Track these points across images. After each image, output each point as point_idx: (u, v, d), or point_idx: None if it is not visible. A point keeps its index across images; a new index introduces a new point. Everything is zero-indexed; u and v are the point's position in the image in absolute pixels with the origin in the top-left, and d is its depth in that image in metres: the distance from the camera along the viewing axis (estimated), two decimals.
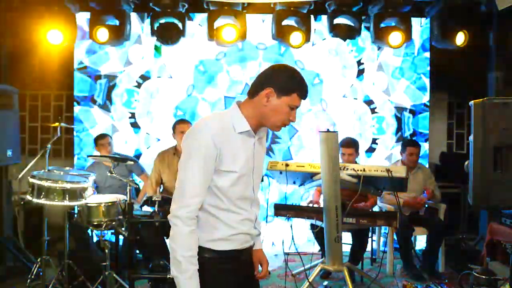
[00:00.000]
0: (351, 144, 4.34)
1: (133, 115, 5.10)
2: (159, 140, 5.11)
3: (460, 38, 4.67)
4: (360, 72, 5.21)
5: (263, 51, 5.11)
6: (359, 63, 5.21)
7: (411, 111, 5.28)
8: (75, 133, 5.04)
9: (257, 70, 4.99)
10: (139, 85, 5.09)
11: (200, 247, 1.77)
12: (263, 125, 1.84)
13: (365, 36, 5.09)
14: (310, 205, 4.15)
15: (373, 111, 5.24)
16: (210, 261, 1.78)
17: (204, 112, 5.08)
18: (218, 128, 1.72)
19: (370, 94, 5.24)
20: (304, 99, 1.83)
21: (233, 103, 1.86)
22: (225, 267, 1.81)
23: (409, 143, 4.63)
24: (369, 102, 5.23)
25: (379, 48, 5.18)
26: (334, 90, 5.19)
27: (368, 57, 5.21)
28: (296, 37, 4.60)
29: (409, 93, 5.27)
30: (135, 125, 5.11)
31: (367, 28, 4.97)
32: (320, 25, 5.09)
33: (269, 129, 1.87)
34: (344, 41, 4.97)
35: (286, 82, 1.77)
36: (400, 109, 5.24)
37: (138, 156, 5.07)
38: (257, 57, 5.10)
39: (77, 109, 5.05)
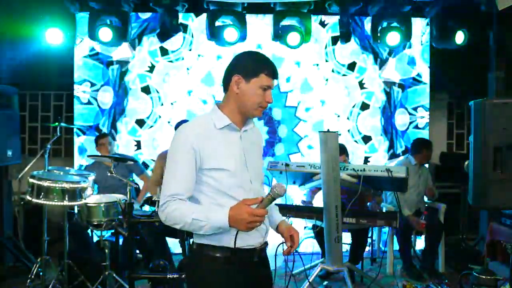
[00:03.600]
0: (340, 150, 4.29)
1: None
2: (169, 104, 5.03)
3: (460, 38, 4.67)
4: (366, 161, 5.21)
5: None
6: (366, 159, 5.21)
7: None
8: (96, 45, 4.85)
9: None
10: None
11: (209, 246, 1.78)
12: (245, 116, 1.85)
13: (380, 144, 5.20)
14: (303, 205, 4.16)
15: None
16: (219, 260, 1.78)
17: None
18: (195, 130, 1.78)
19: None
20: (275, 78, 1.84)
21: (212, 106, 1.90)
22: (234, 268, 1.78)
23: (427, 145, 4.55)
24: None
25: (389, 158, 5.21)
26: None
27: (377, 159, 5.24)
28: (294, 37, 4.60)
29: None
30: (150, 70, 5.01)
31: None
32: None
33: (250, 116, 1.86)
34: (342, 42, 4.93)
35: (251, 65, 1.80)
36: None
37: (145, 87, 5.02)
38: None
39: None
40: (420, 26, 5.14)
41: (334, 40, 5.07)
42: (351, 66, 5.15)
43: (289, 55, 5.03)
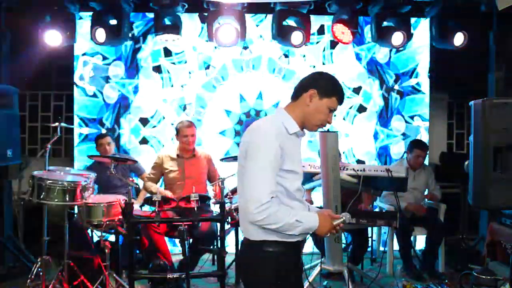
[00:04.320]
0: None
1: None
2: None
3: (460, 39, 4.66)
4: None
5: None
6: None
7: None
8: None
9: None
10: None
11: (266, 241, 1.89)
12: (304, 126, 2.00)
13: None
14: None
15: None
16: (276, 255, 1.90)
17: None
18: (277, 130, 1.88)
19: None
20: (341, 104, 2.01)
21: (276, 109, 2.04)
22: (289, 260, 1.94)
23: (417, 145, 4.53)
24: None
25: None
26: None
27: None
28: (296, 36, 4.59)
29: None
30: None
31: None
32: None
33: (308, 129, 2.02)
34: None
35: (329, 86, 1.97)
36: None
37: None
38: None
39: None
40: (427, 56, 5.16)
41: (333, 44, 5.07)
42: (357, 89, 5.16)
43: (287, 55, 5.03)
